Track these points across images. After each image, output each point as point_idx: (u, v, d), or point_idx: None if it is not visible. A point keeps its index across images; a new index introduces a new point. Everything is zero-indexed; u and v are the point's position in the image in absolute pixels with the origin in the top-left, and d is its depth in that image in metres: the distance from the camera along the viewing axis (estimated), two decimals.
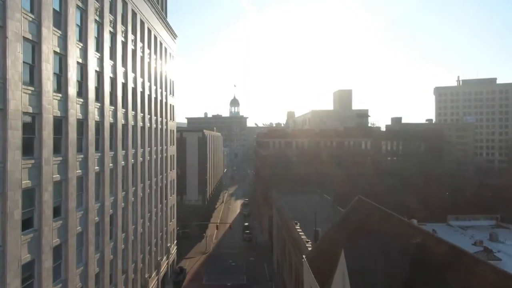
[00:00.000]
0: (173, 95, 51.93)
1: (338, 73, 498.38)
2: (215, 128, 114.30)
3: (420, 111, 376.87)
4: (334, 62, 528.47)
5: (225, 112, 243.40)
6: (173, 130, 52.32)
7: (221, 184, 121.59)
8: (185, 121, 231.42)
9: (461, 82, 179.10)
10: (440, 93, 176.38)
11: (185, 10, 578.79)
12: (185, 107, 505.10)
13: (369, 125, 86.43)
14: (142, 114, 38.31)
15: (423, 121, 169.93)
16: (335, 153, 69.66)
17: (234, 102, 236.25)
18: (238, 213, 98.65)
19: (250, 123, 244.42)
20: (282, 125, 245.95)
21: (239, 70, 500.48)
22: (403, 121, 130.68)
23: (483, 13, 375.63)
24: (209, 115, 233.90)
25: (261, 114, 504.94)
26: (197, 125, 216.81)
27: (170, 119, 50.63)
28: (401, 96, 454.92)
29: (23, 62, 18.06)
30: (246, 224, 79.22)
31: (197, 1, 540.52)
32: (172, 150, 51.91)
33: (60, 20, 21.82)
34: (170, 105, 50.37)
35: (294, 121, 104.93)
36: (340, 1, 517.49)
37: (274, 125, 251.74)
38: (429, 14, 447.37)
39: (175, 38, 51.81)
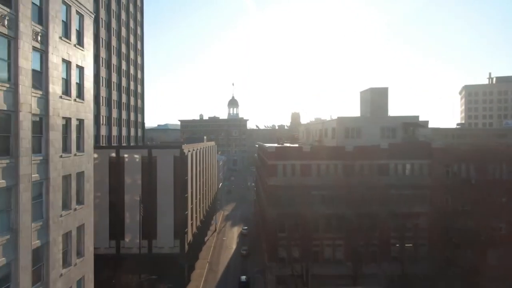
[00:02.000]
0: (82, 98, 25.55)
1: (341, 73, 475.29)
2: (205, 137, 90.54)
3: (441, 114, 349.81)
4: (337, 61, 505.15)
5: (223, 114, 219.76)
6: (84, 172, 25.71)
7: (214, 205, 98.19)
8: (178, 123, 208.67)
9: (494, 79, 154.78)
10: (470, 92, 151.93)
11: (184, 9, 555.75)
12: (180, 109, 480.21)
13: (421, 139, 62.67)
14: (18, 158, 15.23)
15: (448, 125, 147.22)
16: (378, 183, 46.03)
17: (233, 103, 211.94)
18: (234, 250, 75.22)
19: (250, 125, 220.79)
20: (286, 127, 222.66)
21: (238, 69, 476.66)
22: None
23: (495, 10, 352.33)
24: (205, 117, 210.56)
25: (262, 115, 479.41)
26: (191, 128, 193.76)
27: (80, 150, 25.08)
28: (413, 98, 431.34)
29: None
30: (244, 279, 55.69)
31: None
32: (82, 215, 25.55)
33: None
34: (77, 120, 24.84)
35: (307, 129, 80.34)
36: None
37: (277, 127, 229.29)
38: (435, 12, 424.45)
39: None
